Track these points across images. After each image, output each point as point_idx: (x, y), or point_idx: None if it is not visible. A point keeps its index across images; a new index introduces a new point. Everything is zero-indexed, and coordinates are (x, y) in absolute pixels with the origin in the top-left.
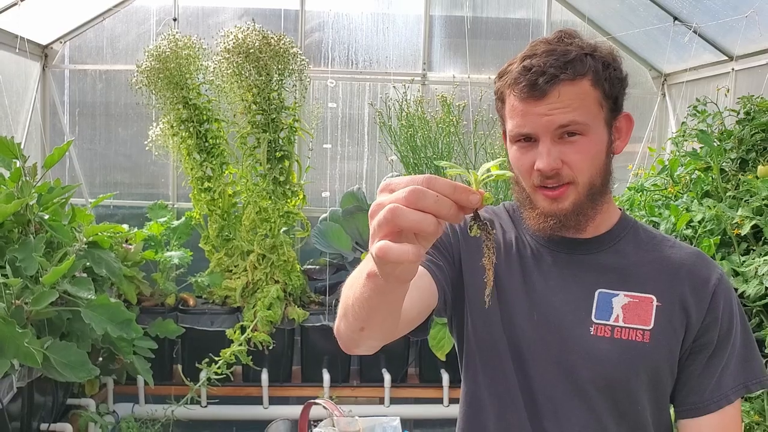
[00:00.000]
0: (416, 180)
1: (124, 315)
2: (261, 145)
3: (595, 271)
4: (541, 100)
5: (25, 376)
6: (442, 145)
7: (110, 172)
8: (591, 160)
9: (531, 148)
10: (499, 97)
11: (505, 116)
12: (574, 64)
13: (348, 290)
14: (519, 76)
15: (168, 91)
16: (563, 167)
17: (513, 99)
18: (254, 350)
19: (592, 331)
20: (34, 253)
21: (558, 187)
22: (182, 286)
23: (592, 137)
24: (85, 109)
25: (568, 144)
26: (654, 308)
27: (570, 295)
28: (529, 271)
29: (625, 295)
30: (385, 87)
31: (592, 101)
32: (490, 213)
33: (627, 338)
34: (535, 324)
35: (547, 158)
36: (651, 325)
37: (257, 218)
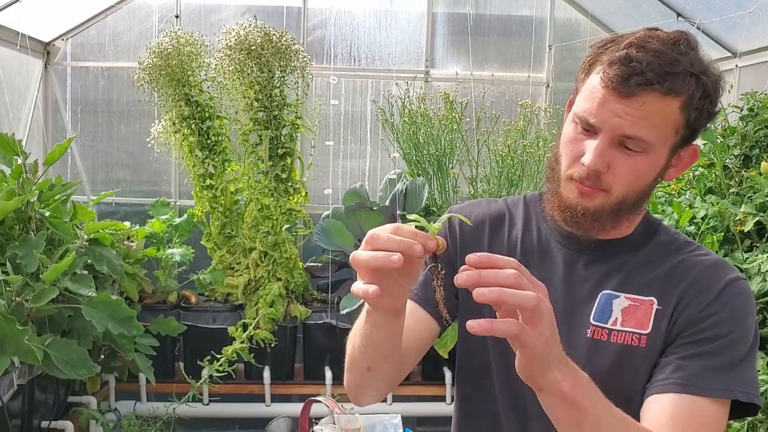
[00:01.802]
0: (387, 231)
1: (125, 312)
2: (263, 142)
3: (603, 272)
4: (623, 98)
5: (25, 374)
6: (445, 142)
7: (112, 170)
8: (637, 179)
9: (587, 138)
10: (585, 66)
11: (581, 88)
12: (675, 78)
13: (352, 339)
14: (617, 61)
15: (170, 88)
16: (607, 173)
17: (598, 79)
18: (256, 348)
19: (588, 334)
20: (34, 250)
21: (591, 187)
22: (184, 284)
23: (650, 158)
24: (87, 106)
25: (623, 153)
26: (654, 312)
27: (572, 296)
28: (531, 267)
29: (626, 298)
30: (387, 84)
31: (670, 124)
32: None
33: (623, 342)
34: None
35: (596, 158)
36: (649, 329)
37: (259, 215)
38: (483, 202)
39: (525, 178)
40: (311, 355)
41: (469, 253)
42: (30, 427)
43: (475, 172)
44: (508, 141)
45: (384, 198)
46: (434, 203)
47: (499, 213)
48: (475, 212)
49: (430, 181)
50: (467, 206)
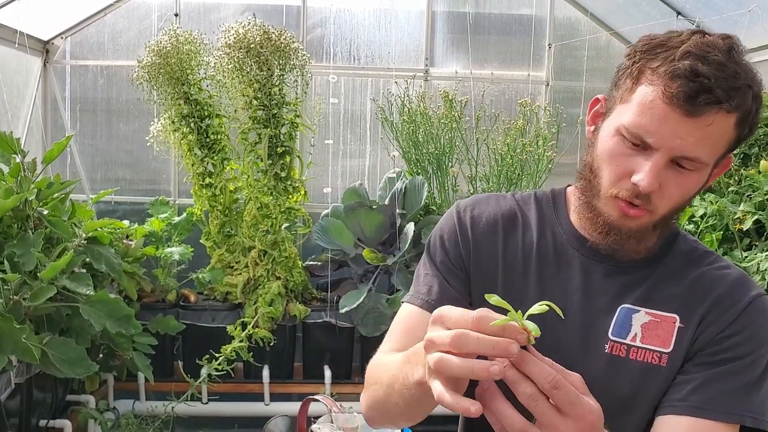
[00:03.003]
0: (466, 319)
1: (124, 311)
2: (262, 140)
3: (622, 284)
4: (688, 117)
5: (23, 372)
6: (444, 140)
7: (111, 168)
8: (683, 197)
9: (637, 154)
10: (632, 69)
11: (626, 97)
12: (737, 94)
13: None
14: (681, 75)
15: (169, 87)
16: (656, 193)
17: (655, 91)
18: (255, 347)
19: (606, 349)
20: (32, 249)
21: (638, 207)
22: (183, 283)
23: (700, 175)
24: (86, 104)
25: (675, 172)
26: (676, 329)
27: (589, 308)
28: (547, 277)
29: (647, 313)
30: (387, 83)
31: (725, 141)
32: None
33: (642, 360)
34: (545, 335)
35: (652, 179)
36: (670, 347)
37: (258, 214)
38: (491, 199)
39: (524, 176)
40: (310, 354)
41: (483, 256)
42: (28, 426)
43: (475, 171)
44: (508, 140)
45: (383, 197)
46: (433, 202)
47: (511, 212)
48: (486, 211)
49: (429, 180)
50: (475, 202)
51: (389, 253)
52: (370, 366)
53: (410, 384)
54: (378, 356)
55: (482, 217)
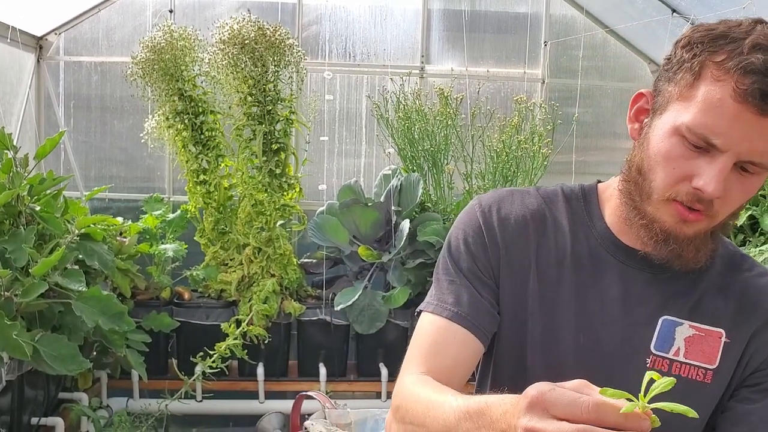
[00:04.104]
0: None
1: (116, 307)
2: (257, 137)
3: (663, 293)
4: (764, 117)
5: (14, 369)
6: (440, 138)
7: (105, 165)
8: (745, 199)
9: (698, 157)
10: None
11: (686, 93)
12: None
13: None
14: (756, 70)
15: (163, 83)
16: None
17: (723, 88)
18: (250, 344)
19: (648, 363)
20: (24, 245)
21: (698, 212)
22: (177, 280)
23: (761, 178)
24: (80, 101)
25: (737, 175)
26: (722, 345)
27: (630, 318)
28: (583, 285)
29: (690, 326)
30: (382, 80)
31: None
32: (543, 200)
33: (686, 376)
34: (579, 348)
35: (718, 185)
36: (716, 364)
37: (253, 211)
38: (515, 196)
39: (520, 174)
40: (305, 351)
41: (514, 262)
42: (20, 424)
43: (470, 168)
44: (503, 137)
45: (379, 194)
46: (429, 199)
47: (540, 212)
48: (514, 211)
49: (425, 177)
50: (499, 199)
51: (385, 251)
52: (405, 393)
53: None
54: (413, 383)
55: (510, 218)
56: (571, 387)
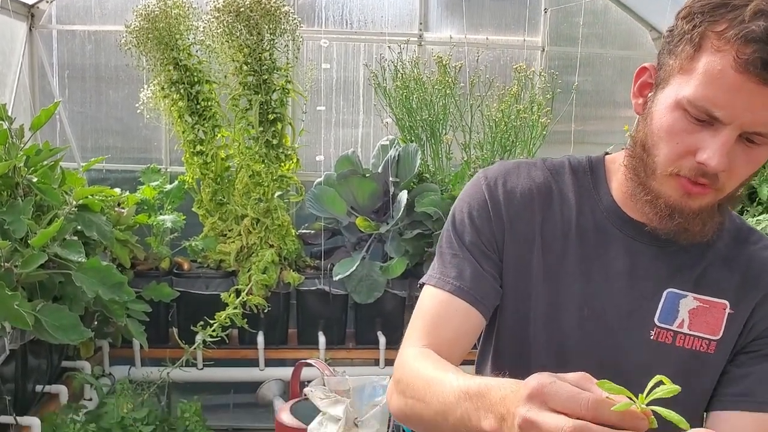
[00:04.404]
0: (580, 404)
1: (116, 278)
2: (253, 106)
3: (668, 266)
4: (766, 87)
5: (17, 339)
6: (438, 107)
7: (102, 136)
8: (752, 170)
9: (701, 130)
10: (692, 34)
11: (687, 65)
12: None
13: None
14: (757, 38)
15: (158, 52)
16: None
17: (724, 59)
18: (250, 313)
19: (652, 335)
20: (22, 216)
21: (703, 186)
22: (176, 250)
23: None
24: (74, 71)
25: (743, 147)
26: (726, 316)
27: (635, 292)
28: (588, 257)
29: (695, 298)
30: (380, 48)
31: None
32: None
33: (690, 347)
34: (584, 320)
35: (722, 158)
36: (720, 335)
37: (250, 182)
38: (522, 168)
39: (518, 143)
40: (305, 320)
41: (518, 236)
42: (24, 391)
43: (469, 138)
44: (502, 106)
45: (377, 165)
46: (427, 170)
47: (546, 185)
48: (520, 184)
49: (423, 148)
50: (505, 172)
51: (382, 221)
52: (407, 368)
53: (471, 427)
54: (414, 356)
55: (516, 191)
56: (572, 380)
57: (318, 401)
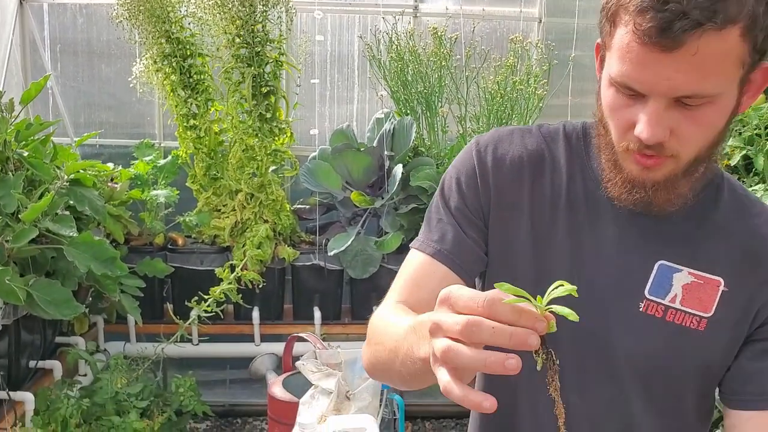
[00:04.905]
0: (477, 302)
1: (108, 252)
2: (246, 79)
3: (661, 238)
4: (670, 52)
5: (10, 314)
6: (434, 79)
7: (95, 111)
8: (708, 131)
9: (635, 103)
10: (608, 15)
11: (610, 45)
12: (724, 3)
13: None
14: (649, 7)
15: (149, 25)
16: (670, 138)
17: (630, 35)
18: (245, 289)
19: (641, 307)
20: (12, 190)
21: (655, 156)
22: (170, 226)
23: (719, 105)
24: (66, 45)
25: (684, 111)
26: (719, 293)
27: (624, 263)
28: (578, 226)
29: (689, 273)
30: (375, 20)
31: (733, 61)
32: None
33: (680, 323)
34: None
35: (654, 128)
36: (711, 312)
37: (244, 156)
38: (515, 134)
39: (515, 116)
40: (300, 296)
41: (505, 204)
42: (18, 367)
43: (464, 111)
44: (498, 78)
45: (372, 139)
46: (422, 143)
47: (538, 151)
48: (511, 151)
49: (418, 121)
50: (497, 139)
51: (377, 196)
52: (374, 319)
53: (414, 358)
54: (383, 309)
55: (506, 159)
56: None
57: (310, 375)
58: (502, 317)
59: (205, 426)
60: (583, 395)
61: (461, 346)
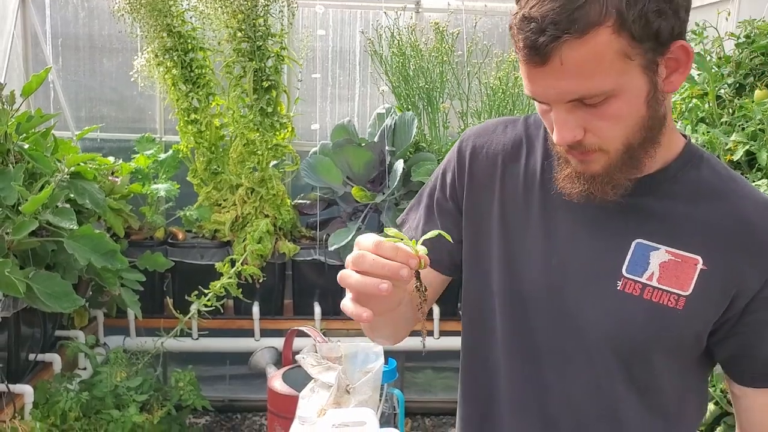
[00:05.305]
0: (369, 242)
1: (108, 246)
2: (247, 74)
3: (637, 216)
4: (543, 66)
5: (9, 307)
6: (435, 75)
7: (96, 105)
8: (624, 122)
9: (549, 110)
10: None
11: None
12: (583, 11)
13: None
14: (518, 29)
15: (151, 19)
16: (586, 135)
17: (519, 55)
18: (245, 284)
19: (619, 286)
20: (13, 183)
21: (584, 152)
22: (171, 220)
23: (623, 96)
24: (68, 39)
25: (589, 109)
26: (697, 272)
27: (601, 242)
28: (553, 206)
29: (667, 252)
30: (377, 15)
31: (613, 57)
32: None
33: (657, 301)
34: (552, 269)
35: (561, 132)
36: (689, 290)
37: (245, 151)
38: (499, 126)
39: (516, 112)
40: (300, 291)
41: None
42: (17, 360)
43: (466, 107)
44: (500, 74)
45: (373, 134)
46: (424, 139)
47: (516, 140)
48: (490, 141)
49: (419, 116)
50: (481, 131)
51: (378, 191)
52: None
53: None
54: None
55: (483, 148)
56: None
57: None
58: (383, 253)
59: (205, 421)
60: (564, 377)
61: (351, 272)
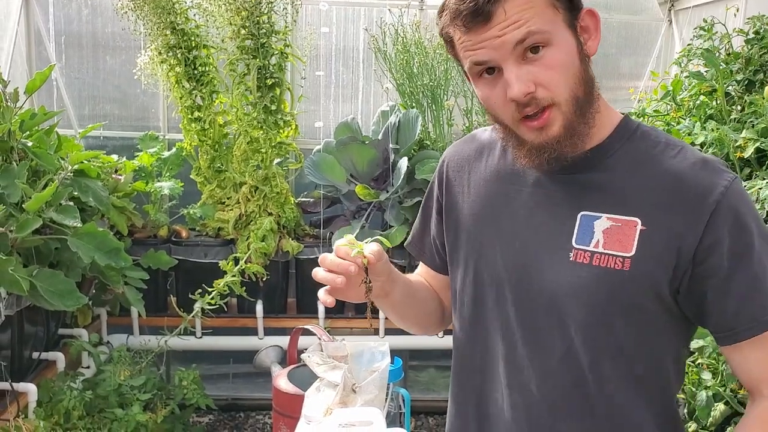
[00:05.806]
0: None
1: (112, 243)
2: (251, 71)
3: (581, 191)
4: (488, 23)
5: (13, 305)
6: (440, 72)
7: (99, 103)
8: (565, 71)
9: (498, 80)
10: (446, 39)
11: (459, 56)
12: None
13: None
14: (458, 5)
15: (154, 16)
16: (537, 89)
17: (459, 33)
18: (249, 282)
19: (571, 257)
20: (17, 180)
21: (540, 113)
22: (175, 218)
23: (558, 45)
24: (71, 37)
25: (534, 62)
26: (637, 233)
27: (553, 220)
28: (510, 195)
29: (607, 218)
30: (381, 12)
31: (543, 5)
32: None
33: (605, 265)
34: (516, 251)
35: (517, 84)
36: (632, 251)
37: (249, 149)
38: (468, 139)
39: None
40: (304, 289)
41: (452, 196)
42: (21, 358)
43: (471, 104)
44: None
45: (377, 131)
46: (428, 136)
47: (483, 143)
48: (464, 148)
49: (424, 114)
50: (463, 140)
51: (382, 189)
52: None
53: None
54: None
55: (455, 158)
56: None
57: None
58: (339, 254)
59: (208, 419)
60: (534, 353)
61: (319, 269)
